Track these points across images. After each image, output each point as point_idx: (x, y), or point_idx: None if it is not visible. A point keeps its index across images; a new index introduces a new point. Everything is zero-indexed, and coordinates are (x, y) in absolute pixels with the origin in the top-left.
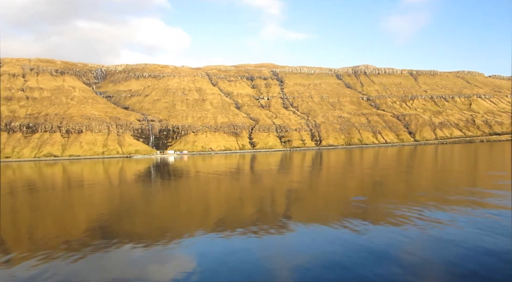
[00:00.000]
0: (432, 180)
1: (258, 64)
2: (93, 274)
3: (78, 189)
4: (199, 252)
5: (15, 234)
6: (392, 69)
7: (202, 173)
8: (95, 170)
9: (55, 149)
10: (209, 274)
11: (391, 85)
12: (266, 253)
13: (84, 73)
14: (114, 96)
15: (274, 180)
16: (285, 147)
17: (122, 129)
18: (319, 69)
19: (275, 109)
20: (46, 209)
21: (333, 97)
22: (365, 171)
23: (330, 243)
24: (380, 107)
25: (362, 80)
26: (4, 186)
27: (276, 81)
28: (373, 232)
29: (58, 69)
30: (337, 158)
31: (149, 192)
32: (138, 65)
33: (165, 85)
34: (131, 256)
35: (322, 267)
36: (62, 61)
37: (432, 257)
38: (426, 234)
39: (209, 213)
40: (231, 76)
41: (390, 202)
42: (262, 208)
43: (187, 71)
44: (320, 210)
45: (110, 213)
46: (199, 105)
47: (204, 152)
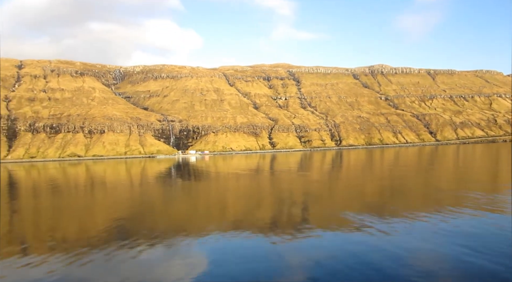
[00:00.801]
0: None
1: (273, 64)
2: (106, 275)
3: (101, 188)
4: (212, 252)
5: (36, 234)
6: (409, 68)
7: (223, 173)
8: (119, 170)
9: (79, 149)
10: (221, 273)
11: (409, 84)
12: (279, 255)
13: (103, 74)
14: (133, 97)
15: (294, 180)
16: (305, 147)
17: (143, 129)
18: (336, 69)
19: (293, 110)
20: (68, 209)
21: (351, 97)
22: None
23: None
24: (399, 107)
25: (379, 80)
26: (29, 185)
27: (292, 81)
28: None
29: (77, 70)
30: (357, 158)
31: (170, 192)
32: (155, 66)
33: (183, 85)
34: (145, 256)
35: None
36: (81, 63)
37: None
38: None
39: (226, 213)
40: (248, 77)
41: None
42: (279, 209)
43: (204, 71)
44: (337, 213)
45: (131, 212)
46: (218, 105)
47: (225, 152)
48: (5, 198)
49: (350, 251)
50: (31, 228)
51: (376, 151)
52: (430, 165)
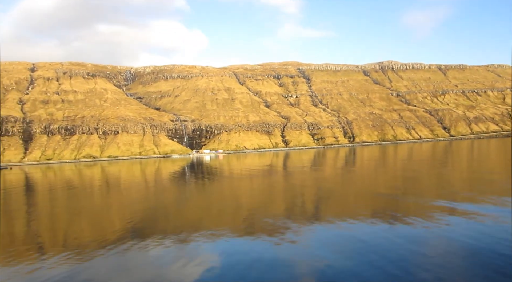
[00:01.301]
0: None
1: (282, 62)
2: (117, 275)
3: (116, 189)
4: (224, 252)
5: (51, 234)
6: (420, 64)
7: (238, 172)
8: (134, 170)
9: (94, 150)
10: (231, 273)
11: (420, 80)
12: (288, 257)
13: (114, 75)
14: (145, 98)
15: (308, 178)
16: (318, 144)
17: (156, 129)
18: (345, 66)
19: (304, 107)
20: (83, 210)
21: (362, 94)
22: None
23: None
24: (411, 103)
25: (390, 76)
26: (46, 187)
27: (302, 79)
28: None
29: (89, 72)
30: (371, 154)
31: (186, 192)
32: (166, 66)
33: (194, 85)
34: (156, 257)
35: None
36: (93, 64)
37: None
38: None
39: (239, 213)
40: (258, 75)
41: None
42: (292, 208)
43: (214, 71)
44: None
45: (145, 213)
46: (229, 104)
47: (238, 150)
48: (22, 199)
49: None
50: (47, 229)
51: (391, 147)
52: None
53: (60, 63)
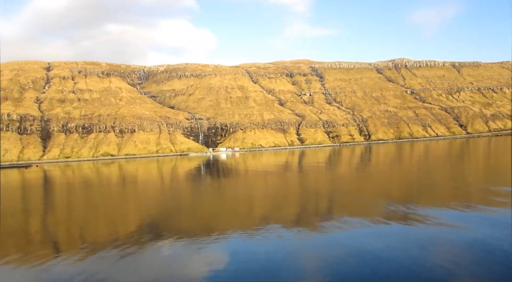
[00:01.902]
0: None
1: (293, 60)
2: (124, 272)
3: (133, 187)
4: (234, 251)
5: (68, 233)
6: (434, 61)
7: (256, 170)
8: (152, 168)
9: (111, 148)
10: (240, 273)
11: (434, 77)
12: (297, 255)
13: (128, 74)
14: (159, 96)
15: (323, 178)
16: (334, 142)
17: (172, 128)
18: (358, 64)
19: (319, 105)
20: (99, 207)
21: (376, 92)
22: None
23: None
24: (426, 100)
25: (404, 74)
26: (64, 184)
27: (315, 77)
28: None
29: (104, 71)
30: (387, 153)
31: (203, 189)
32: (179, 65)
33: (208, 84)
34: (167, 255)
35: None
36: (106, 63)
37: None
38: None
39: (253, 211)
40: (271, 74)
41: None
42: (305, 208)
43: (227, 69)
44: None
45: (160, 211)
46: (243, 103)
47: (254, 148)
48: (40, 197)
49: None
50: (63, 227)
51: (408, 145)
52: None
53: (75, 62)
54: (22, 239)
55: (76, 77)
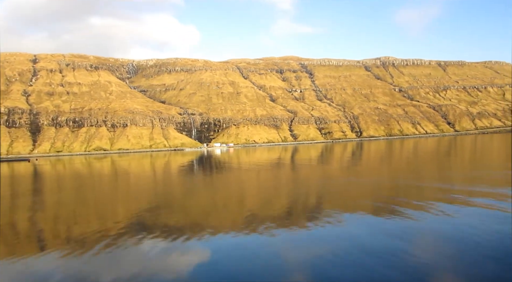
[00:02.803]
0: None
1: (282, 57)
2: (106, 269)
3: (124, 182)
4: (220, 248)
5: (55, 228)
6: (420, 60)
7: (249, 165)
8: (146, 163)
9: (103, 142)
10: (228, 269)
11: (421, 76)
12: (285, 250)
13: (117, 68)
14: (149, 91)
15: (315, 173)
16: (326, 139)
17: (165, 123)
18: (347, 61)
19: (310, 102)
20: (89, 203)
21: (365, 89)
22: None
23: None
24: (414, 98)
25: (391, 72)
26: (53, 179)
27: (305, 73)
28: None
29: (92, 64)
30: (379, 149)
31: (194, 184)
32: (168, 59)
33: (198, 79)
34: (153, 251)
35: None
36: (95, 57)
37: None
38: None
39: (244, 206)
40: (261, 70)
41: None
42: (295, 203)
43: (217, 65)
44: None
45: (150, 205)
46: (235, 98)
47: (248, 144)
48: (29, 191)
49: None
50: (51, 221)
51: (399, 142)
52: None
53: (62, 55)
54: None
55: (64, 70)
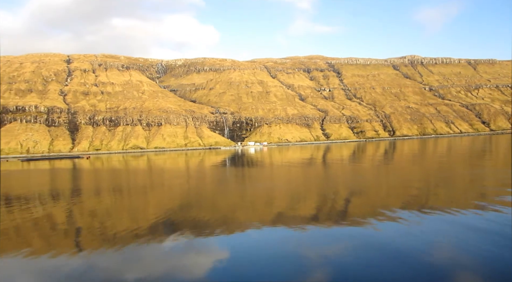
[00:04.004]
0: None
1: (308, 56)
2: (134, 268)
3: (159, 179)
4: (247, 246)
5: (89, 224)
6: (449, 58)
7: (287, 164)
8: (181, 161)
9: (140, 141)
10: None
11: (451, 75)
12: (306, 248)
13: (147, 68)
14: (179, 90)
15: (348, 172)
16: (358, 138)
17: (198, 121)
18: (375, 60)
19: (339, 101)
20: (124, 199)
21: (394, 88)
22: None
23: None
24: (445, 97)
25: (420, 71)
26: (92, 176)
27: (333, 72)
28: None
29: (123, 64)
30: (412, 148)
31: (226, 182)
32: (197, 59)
33: (227, 78)
34: (179, 248)
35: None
36: (125, 57)
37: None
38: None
39: (274, 203)
40: (288, 69)
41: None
42: (325, 202)
43: (245, 64)
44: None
45: (181, 202)
46: (264, 97)
47: (281, 143)
48: (69, 186)
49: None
50: (86, 217)
51: (433, 140)
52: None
53: (94, 55)
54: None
55: (96, 70)
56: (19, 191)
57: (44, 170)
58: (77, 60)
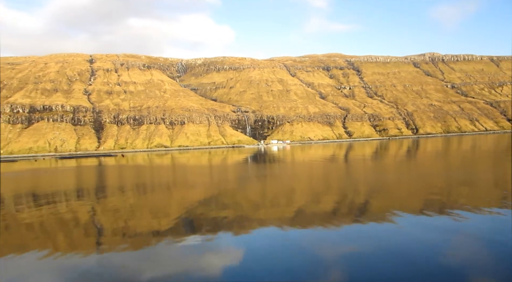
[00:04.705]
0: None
1: (326, 54)
2: (152, 268)
3: (183, 178)
4: (267, 246)
5: (112, 223)
6: (471, 55)
7: (310, 161)
8: (205, 159)
9: (164, 140)
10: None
11: (473, 72)
12: (320, 249)
13: (167, 67)
14: (199, 89)
15: (375, 169)
16: (381, 136)
17: (220, 120)
18: (395, 58)
19: (360, 99)
20: (149, 197)
21: (416, 86)
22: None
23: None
24: (468, 94)
25: (441, 68)
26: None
27: (352, 70)
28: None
29: (144, 64)
30: (435, 145)
31: (252, 179)
32: (216, 58)
33: (247, 77)
34: (195, 247)
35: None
36: (146, 56)
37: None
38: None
39: (293, 202)
40: (308, 67)
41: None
42: (345, 200)
43: (265, 63)
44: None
45: (202, 199)
46: (285, 96)
47: (303, 141)
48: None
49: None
50: (109, 214)
51: (458, 138)
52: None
53: (115, 55)
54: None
55: (119, 69)
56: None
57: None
58: (100, 60)
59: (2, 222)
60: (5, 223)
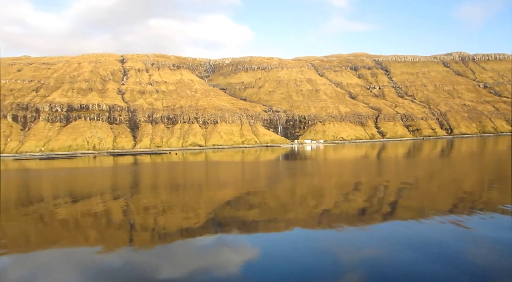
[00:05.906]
0: None
1: (352, 53)
2: (173, 265)
3: (215, 177)
4: (292, 247)
5: (143, 221)
6: (503, 54)
7: (344, 161)
8: (239, 158)
9: (198, 138)
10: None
11: (505, 71)
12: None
13: (196, 67)
14: (228, 89)
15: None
16: (414, 136)
17: (252, 120)
18: (424, 58)
19: (391, 99)
20: (181, 195)
21: (447, 85)
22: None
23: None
24: (502, 94)
25: (472, 67)
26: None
27: (381, 70)
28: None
29: (174, 64)
30: (470, 146)
31: (289, 178)
32: (244, 58)
33: (276, 76)
34: (222, 245)
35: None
36: (175, 56)
37: None
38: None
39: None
40: (335, 67)
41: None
42: (373, 204)
43: (292, 62)
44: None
45: (234, 197)
46: (314, 96)
47: (336, 141)
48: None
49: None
50: (142, 210)
51: (494, 139)
52: None
53: (146, 55)
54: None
55: (149, 69)
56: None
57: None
58: (131, 60)
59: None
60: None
